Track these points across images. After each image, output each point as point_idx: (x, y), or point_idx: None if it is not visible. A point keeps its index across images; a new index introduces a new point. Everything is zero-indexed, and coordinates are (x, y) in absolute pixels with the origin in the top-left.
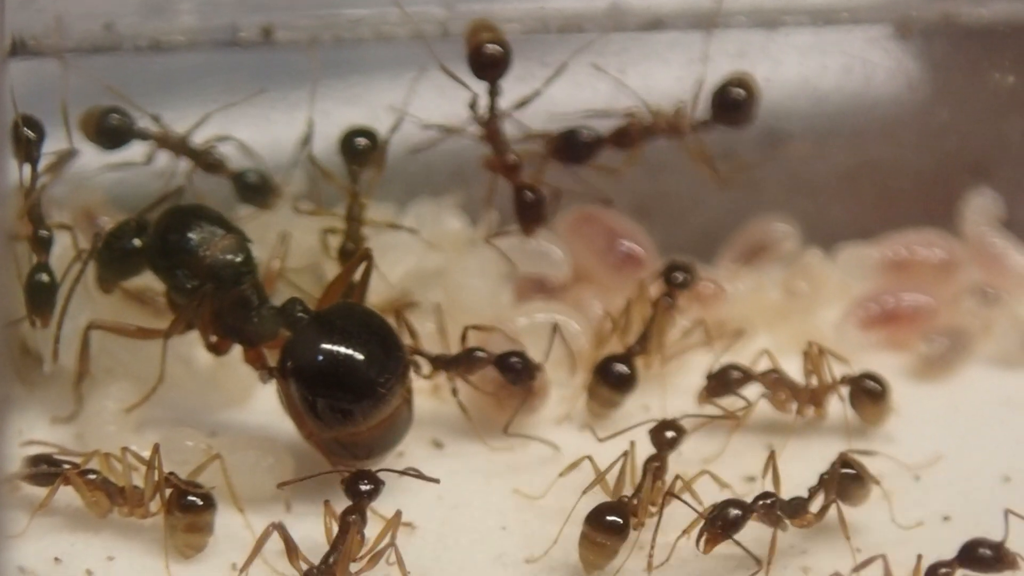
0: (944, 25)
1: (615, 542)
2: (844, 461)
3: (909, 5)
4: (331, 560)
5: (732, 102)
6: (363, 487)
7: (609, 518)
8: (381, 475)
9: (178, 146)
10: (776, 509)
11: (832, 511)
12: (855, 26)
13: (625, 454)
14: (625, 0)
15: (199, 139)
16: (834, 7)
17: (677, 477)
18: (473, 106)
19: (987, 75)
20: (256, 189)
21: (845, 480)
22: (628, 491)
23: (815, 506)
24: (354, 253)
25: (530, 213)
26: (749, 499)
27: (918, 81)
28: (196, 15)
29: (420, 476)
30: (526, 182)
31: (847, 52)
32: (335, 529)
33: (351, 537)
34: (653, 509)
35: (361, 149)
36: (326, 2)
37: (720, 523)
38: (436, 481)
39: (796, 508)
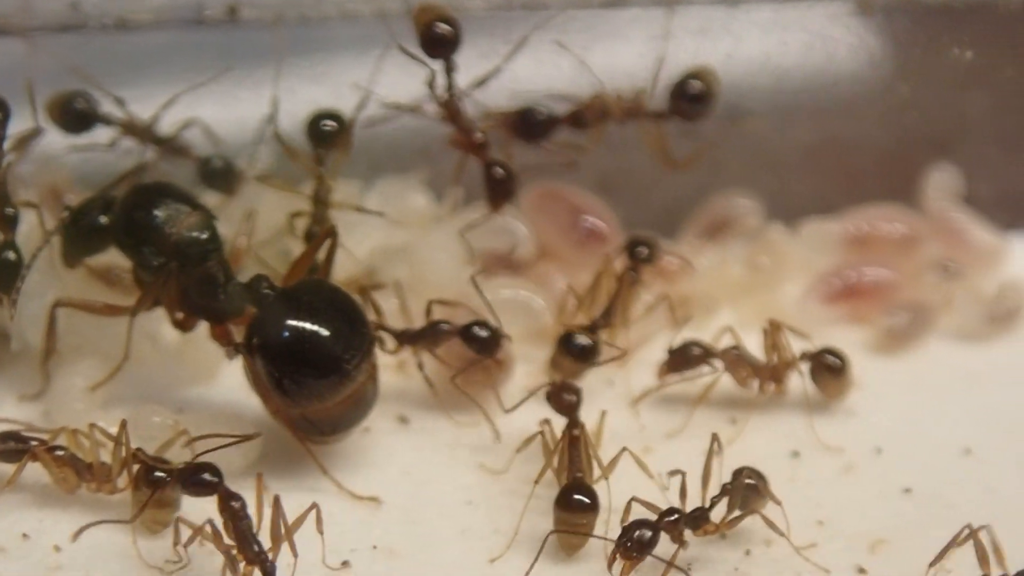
0: (905, 2)
1: (589, 519)
2: (745, 473)
3: None
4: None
5: (690, 95)
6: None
7: (577, 497)
8: None
9: (143, 132)
10: (681, 524)
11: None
12: (816, 3)
13: (541, 432)
14: None
15: (166, 119)
16: None
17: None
18: (431, 84)
19: (947, 51)
20: (220, 175)
21: (747, 491)
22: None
23: (717, 515)
24: (316, 234)
25: (500, 189)
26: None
27: (879, 57)
28: None
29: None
30: (495, 158)
31: (808, 29)
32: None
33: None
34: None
35: (328, 132)
36: None
37: (633, 547)
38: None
39: (698, 520)
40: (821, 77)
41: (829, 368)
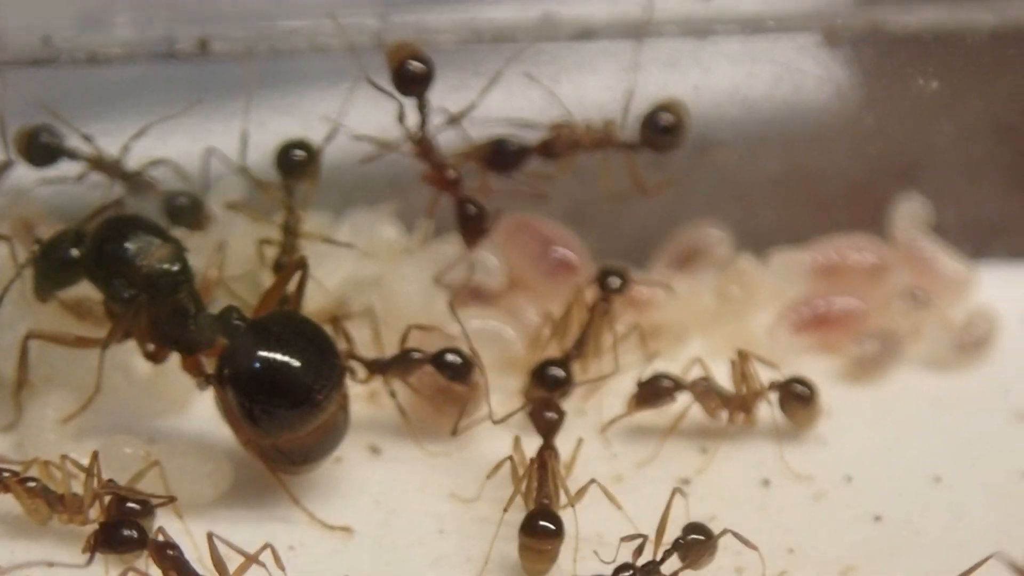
0: (871, 33)
1: (554, 545)
2: (693, 528)
3: (837, 14)
4: None
5: (661, 127)
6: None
7: (542, 523)
8: None
9: (109, 167)
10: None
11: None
12: (784, 34)
13: (510, 458)
14: (556, 10)
15: (137, 152)
16: (763, 16)
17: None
18: (401, 119)
19: (913, 82)
20: (186, 212)
21: (695, 545)
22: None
23: (669, 568)
24: (284, 266)
25: (473, 227)
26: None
27: (846, 88)
28: (133, 28)
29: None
30: (468, 195)
31: (776, 60)
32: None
33: None
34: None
35: (297, 162)
36: (261, 14)
37: None
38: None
39: (649, 572)
40: (789, 108)
41: (798, 397)
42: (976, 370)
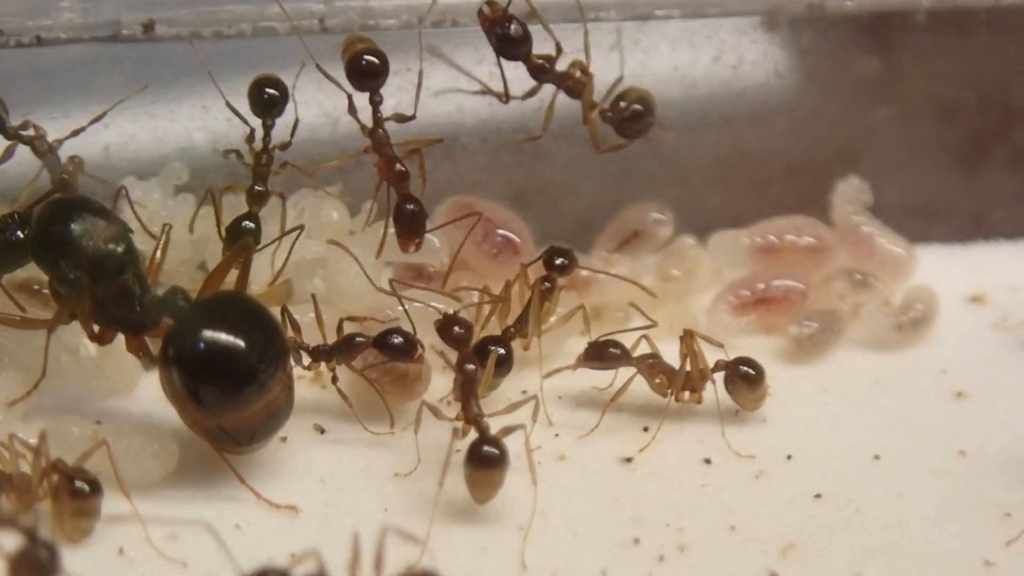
0: (810, 15)
1: (500, 471)
2: None
3: None
4: None
5: (629, 114)
6: None
7: (486, 451)
8: None
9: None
10: None
11: None
12: (724, 18)
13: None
14: None
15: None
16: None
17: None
18: (351, 111)
19: (853, 63)
20: None
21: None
22: None
23: None
24: (261, 196)
25: (410, 225)
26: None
27: (786, 70)
28: (78, 12)
29: None
30: (411, 194)
31: (717, 42)
32: None
33: None
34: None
35: (269, 98)
36: None
37: None
38: None
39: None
40: (730, 90)
41: (744, 378)
42: (915, 350)
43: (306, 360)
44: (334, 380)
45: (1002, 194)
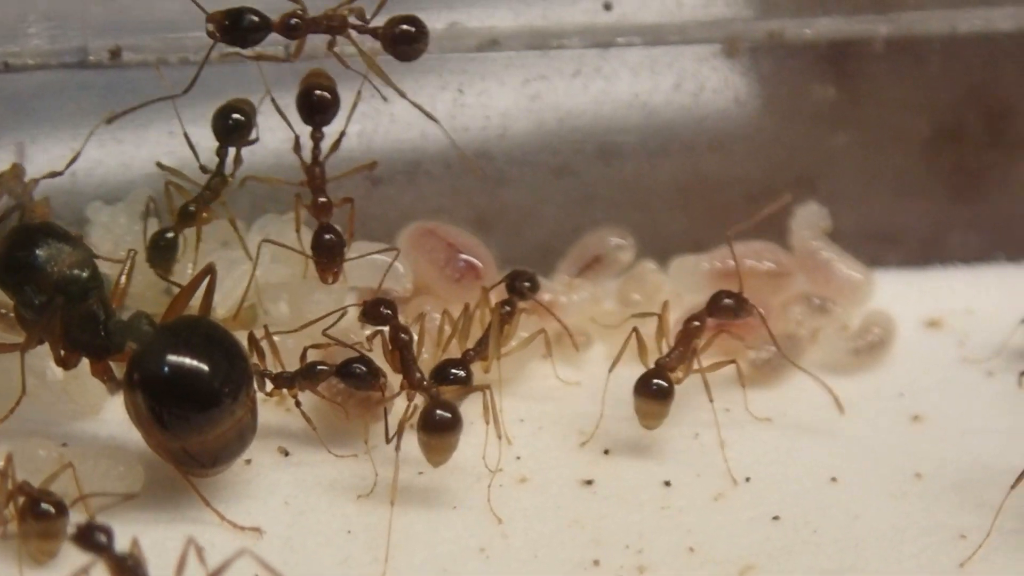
0: (770, 43)
1: (454, 435)
2: None
3: (736, 25)
4: None
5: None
6: None
7: (439, 415)
8: None
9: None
10: None
11: None
12: (685, 46)
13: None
14: (462, 21)
15: (47, 158)
16: (664, 27)
17: None
18: (296, 149)
19: (812, 90)
20: None
21: None
22: None
23: None
24: (190, 215)
25: (326, 256)
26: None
27: (746, 97)
28: (46, 38)
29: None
30: (330, 225)
31: (678, 70)
32: None
33: None
34: None
35: (233, 126)
36: (173, 25)
37: None
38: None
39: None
40: (690, 117)
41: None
42: (872, 374)
43: (269, 387)
44: (298, 404)
45: (957, 220)
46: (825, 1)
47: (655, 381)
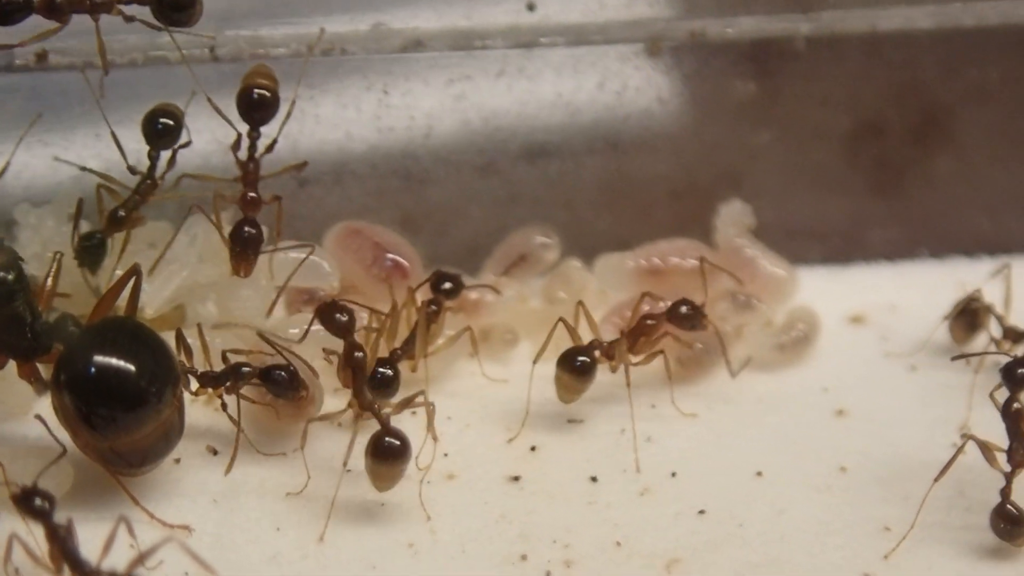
0: (692, 42)
1: (402, 463)
2: None
3: (658, 24)
4: None
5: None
6: None
7: (387, 443)
8: None
9: None
10: None
11: None
12: (608, 46)
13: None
14: (386, 22)
15: None
16: (587, 28)
17: None
18: (235, 148)
19: (734, 88)
20: None
21: None
22: None
23: None
24: (120, 220)
25: (244, 247)
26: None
27: (669, 95)
28: None
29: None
30: (253, 219)
31: (601, 69)
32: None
33: None
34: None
35: (162, 129)
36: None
37: None
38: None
39: None
40: (613, 115)
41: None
42: (797, 369)
43: (194, 386)
44: (223, 407)
45: (880, 216)
46: (747, 0)
47: (580, 357)
